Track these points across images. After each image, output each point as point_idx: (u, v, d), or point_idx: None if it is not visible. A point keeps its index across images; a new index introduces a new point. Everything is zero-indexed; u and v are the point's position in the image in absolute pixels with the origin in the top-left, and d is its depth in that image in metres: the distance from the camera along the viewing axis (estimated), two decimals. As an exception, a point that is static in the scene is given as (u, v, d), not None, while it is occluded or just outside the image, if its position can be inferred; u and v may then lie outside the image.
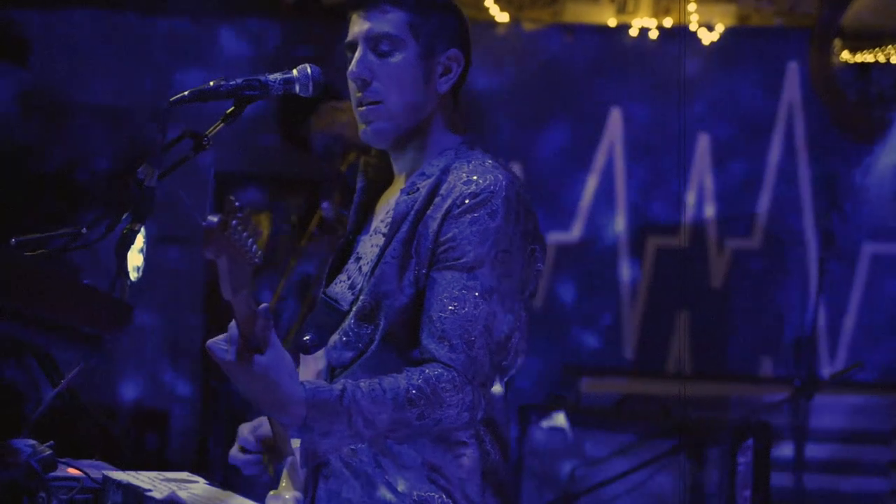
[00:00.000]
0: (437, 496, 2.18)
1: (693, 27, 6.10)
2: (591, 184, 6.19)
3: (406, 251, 2.20)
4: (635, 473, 3.73)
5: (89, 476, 2.05)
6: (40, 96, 6.30)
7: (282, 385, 1.98)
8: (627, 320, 6.16)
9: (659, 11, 6.23)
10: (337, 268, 2.39)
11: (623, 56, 6.19)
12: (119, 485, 2.03)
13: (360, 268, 2.28)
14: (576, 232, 6.18)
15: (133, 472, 2.07)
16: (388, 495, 2.18)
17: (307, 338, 2.32)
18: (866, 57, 6.04)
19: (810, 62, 6.06)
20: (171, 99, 2.29)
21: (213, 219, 1.78)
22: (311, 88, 2.34)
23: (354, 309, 2.22)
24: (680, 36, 6.09)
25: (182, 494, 2.01)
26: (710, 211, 6.14)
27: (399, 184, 2.35)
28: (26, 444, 1.96)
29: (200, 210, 6.18)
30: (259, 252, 1.85)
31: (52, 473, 1.98)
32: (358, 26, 2.32)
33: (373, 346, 2.20)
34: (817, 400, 4.86)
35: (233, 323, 1.94)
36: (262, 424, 2.28)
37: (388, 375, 2.11)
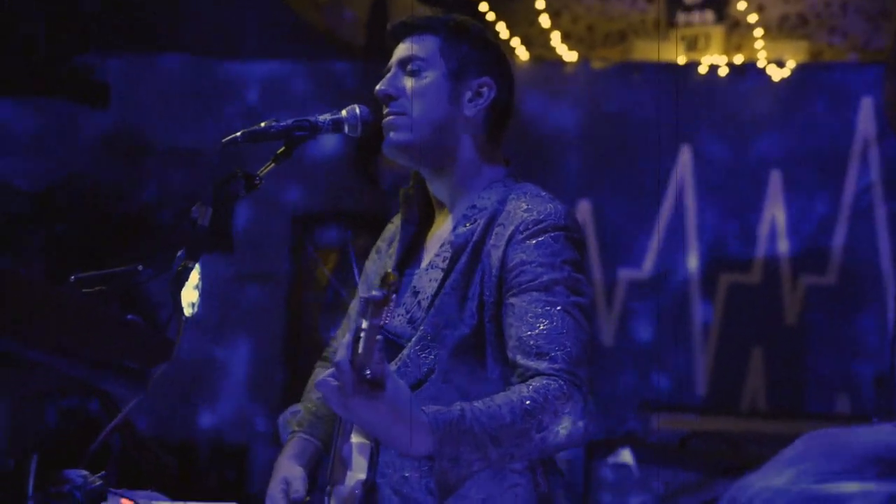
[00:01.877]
0: None
1: (762, 63, 6.07)
2: (663, 221, 6.18)
3: (466, 282, 2.23)
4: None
5: (140, 506, 2.10)
6: (125, 139, 6.49)
7: (405, 412, 1.93)
8: (700, 357, 6.11)
9: (730, 49, 6.22)
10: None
11: (693, 93, 6.18)
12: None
13: (418, 302, 2.29)
14: (647, 268, 6.16)
15: (182, 502, 2.12)
16: None
17: (367, 372, 2.35)
18: (942, 90, 5.95)
19: (885, 97, 5.98)
20: (224, 140, 2.36)
21: (378, 294, 1.78)
22: (359, 129, 2.38)
23: (415, 339, 2.24)
24: (750, 72, 6.06)
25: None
26: (783, 247, 6.08)
27: (444, 216, 2.38)
28: (79, 474, 2.02)
29: (281, 251, 6.24)
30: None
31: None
32: (396, 54, 2.40)
33: (433, 377, 2.22)
34: None
35: (341, 361, 1.88)
36: (293, 480, 2.33)
37: (497, 394, 2.08)
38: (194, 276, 2.38)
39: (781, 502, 1.18)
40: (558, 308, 2.14)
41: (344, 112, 2.39)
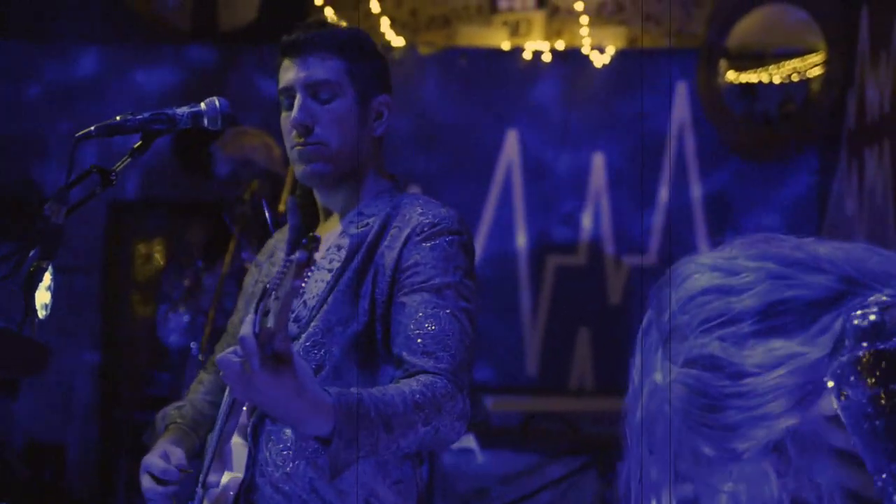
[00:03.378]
0: None
1: (585, 50, 6.21)
2: (490, 206, 6.26)
3: (359, 281, 2.25)
4: (546, 491, 3.77)
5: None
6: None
7: (311, 391, 1.91)
8: (529, 339, 6.23)
9: (551, 34, 6.33)
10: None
11: (517, 78, 6.28)
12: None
13: (304, 301, 2.29)
14: (476, 252, 6.24)
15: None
16: None
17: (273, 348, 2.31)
18: (751, 77, 6.22)
19: (698, 82, 6.22)
20: (77, 134, 2.27)
21: (301, 255, 1.75)
22: (219, 122, 2.33)
23: (304, 336, 2.23)
24: (573, 58, 6.20)
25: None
26: (606, 230, 6.25)
27: (332, 222, 2.39)
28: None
29: (96, 242, 6.06)
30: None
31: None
32: (294, 73, 2.34)
33: (323, 373, 2.21)
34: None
35: (247, 337, 1.83)
36: (173, 452, 2.28)
37: (386, 385, 2.11)
38: (47, 277, 2.29)
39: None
40: (447, 311, 2.19)
41: (203, 105, 2.33)
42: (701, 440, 1.25)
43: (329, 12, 5.83)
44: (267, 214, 2.45)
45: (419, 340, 2.17)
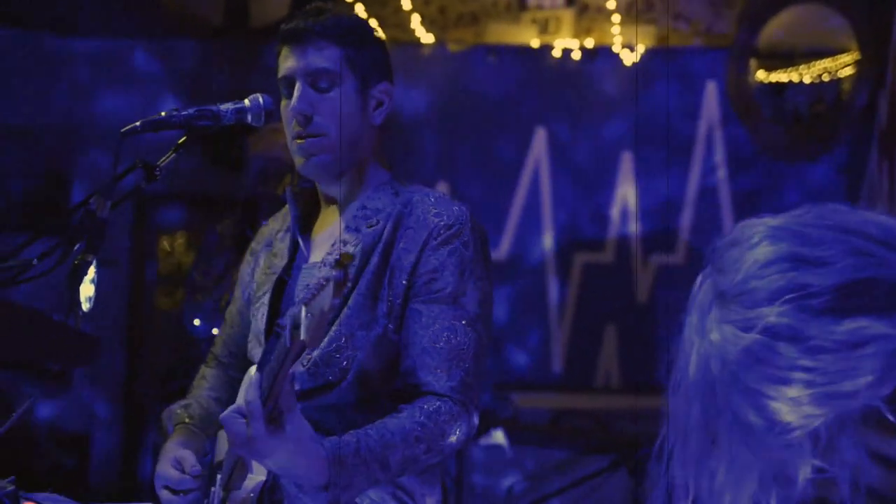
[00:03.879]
0: None
1: (616, 48, 6.20)
2: (518, 202, 6.26)
3: (378, 283, 2.25)
4: (575, 488, 3.78)
5: (50, 510, 2.03)
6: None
7: (308, 449, 1.99)
8: (556, 336, 6.23)
9: (580, 32, 6.33)
10: (278, 298, 2.40)
11: (547, 76, 6.28)
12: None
13: None
14: (504, 249, 6.25)
15: (86, 504, 2.05)
16: None
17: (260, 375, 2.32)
18: (781, 76, 6.20)
19: (727, 82, 6.20)
20: (123, 130, 2.28)
21: (338, 273, 1.74)
22: (263, 118, 2.35)
23: (326, 341, 2.23)
24: (602, 56, 6.19)
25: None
26: (634, 227, 6.25)
27: (332, 213, 2.39)
28: (-9, 480, 1.94)
29: (122, 233, 6.07)
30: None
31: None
32: (293, 61, 2.35)
33: (349, 378, 2.23)
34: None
35: (252, 402, 1.91)
36: (185, 459, 2.30)
37: (389, 417, 2.15)
38: (91, 271, 2.31)
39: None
40: (463, 322, 2.22)
41: (247, 101, 2.35)
42: (751, 409, 1.21)
43: (359, 8, 5.84)
44: (292, 224, 2.46)
45: (434, 354, 2.20)
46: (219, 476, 2.31)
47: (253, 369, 2.26)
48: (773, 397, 1.19)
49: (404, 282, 2.24)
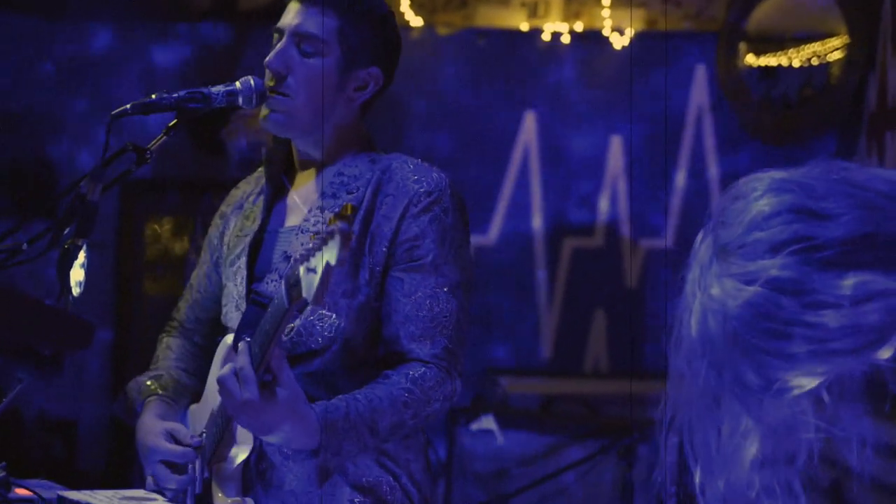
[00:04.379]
0: (384, 480, 2.23)
1: (606, 32, 6.18)
2: (507, 187, 6.25)
3: (360, 251, 2.25)
4: (566, 473, 3.79)
5: (41, 497, 2.01)
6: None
7: (301, 413, 2.01)
8: (545, 321, 6.23)
9: (569, 15, 6.30)
10: (253, 262, 2.38)
11: (536, 59, 6.26)
12: (75, 505, 2.00)
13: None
14: (492, 234, 6.23)
15: (88, 492, 2.04)
16: (337, 482, 2.19)
17: (248, 339, 2.31)
18: (770, 60, 6.19)
19: (717, 65, 6.19)
20: (113, 112, 2.27)
21: (344, 226, 1.75)
22: (254, 100, 2.34)
23: (308, 310, 2.21)
24: (592, 40, 6.17)
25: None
26: (623, 212, 6.24)
27: (309, 175, 2.38)
28: (-19, 465, 1.92)
29: (109, 217, 6.02)
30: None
31: (7, 495, 1.94)
32: (291, 16, 2.34)
33: (335, 346, 2.23)
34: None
35: (245, 367, 1.93)
36: (177, 429, 2.28)
37: (376, 383, 2.17)
38: (81, 255, 2.29)
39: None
40: (445, 290, 2.23)
41: (238, 84, 2.34)
42: (749, 367, 1.17)
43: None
44: (265, 185, 2.45)
45: (417, 322, 2.21)
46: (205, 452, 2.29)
47: (230, 337, 2.25)
48: (773, 353, 1.15)
49: (384, 249, 2.25)
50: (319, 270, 1.76)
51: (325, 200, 2.32)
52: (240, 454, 2.21)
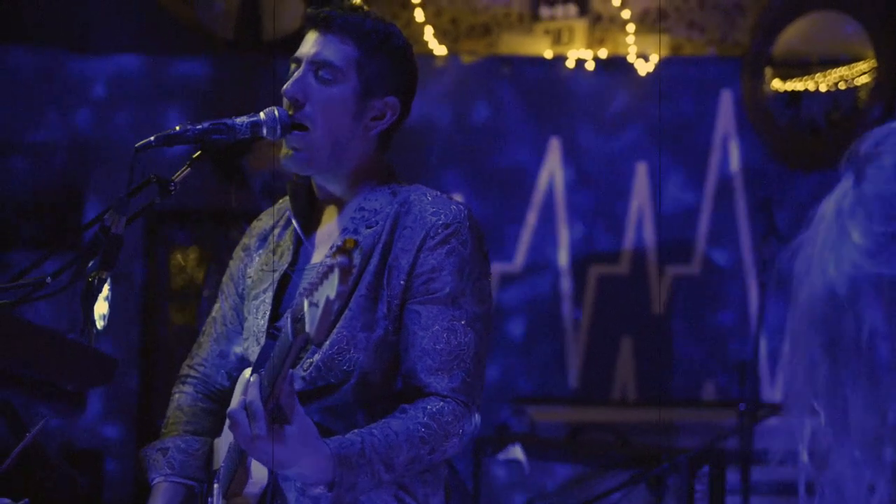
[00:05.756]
0: None
1: (631, 58, 6.17)
2: (533, 214, 6.23)
3: (378, 284, 2.23)
4: (595, 503, 3.74)
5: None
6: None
7: (313, 447, 1.99)
8: (571, 349, 6.19)
9: (593, 42, 6.30)
10: (279, 298, 2.37)
11: (561, 87, 6.25)
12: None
13: (315, 303, 2.27)
14: (519, 262, 6.21)
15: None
16: None
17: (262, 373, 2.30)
18: (796, 85, 6.16)
19: (743, 90, 6.16)
20: (137, 144, 2.27)
21: (344, 260, 1.74)
22: (278, 131, 2.33)
23: (327, 344, 2.21)
24: (617, 67, 6.15)
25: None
26: (649, 238, 6.20)
27: (332, 212, 2.37)
28: (1, 502, 1.91)
29: (135, 252, 6.04)
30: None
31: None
32: (310, 46, 2.34)
33: (352, 380, 2.21)
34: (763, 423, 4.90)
35: (254, 402, 1.92)
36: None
37: (392, 417, 2.14)
38: (105, 288, 2.28)
39: None
40: (462, 323, 2.20)
41: (262, 114, 2.33)
42: (879, 336, 1.05)
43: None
44: (295, 224, 2.44)
45: (435, 356, 2.19)
46: (216, 484, 2.29)
47: (247, 371, 2.25)
48: None
49: (402, 282, 2.23)
50: (321, 305, 1.75)
51: (345, 237, 2.32)
52: (254, 489, 2.20)
